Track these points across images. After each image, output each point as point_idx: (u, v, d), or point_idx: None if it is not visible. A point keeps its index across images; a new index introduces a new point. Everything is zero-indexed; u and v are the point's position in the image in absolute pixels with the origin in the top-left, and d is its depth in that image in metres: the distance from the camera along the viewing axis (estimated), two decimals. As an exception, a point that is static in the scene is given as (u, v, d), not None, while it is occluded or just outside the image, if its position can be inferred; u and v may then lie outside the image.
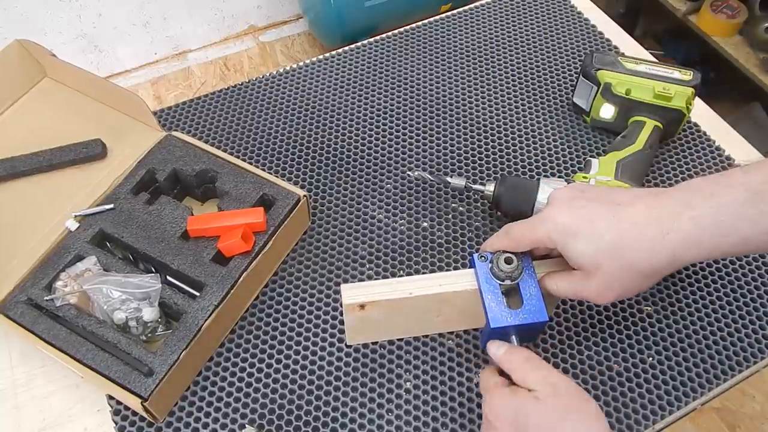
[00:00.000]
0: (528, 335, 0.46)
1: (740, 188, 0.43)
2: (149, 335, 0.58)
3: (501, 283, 0.50)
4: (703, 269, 0.66)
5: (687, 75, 0.72)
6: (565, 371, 0.59)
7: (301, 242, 0.68)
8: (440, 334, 0.61)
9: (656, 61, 0.75)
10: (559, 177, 0.74)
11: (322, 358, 0.60)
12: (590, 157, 0.74)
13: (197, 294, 0.59)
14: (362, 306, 0.52)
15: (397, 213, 0.70)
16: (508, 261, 0.50)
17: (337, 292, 0.64)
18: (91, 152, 0.67)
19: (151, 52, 2.02)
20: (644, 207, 0.46)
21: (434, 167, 0.75)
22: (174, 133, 0.70)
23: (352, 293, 0.52)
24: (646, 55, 0.87)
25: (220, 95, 0.82)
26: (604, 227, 0.46)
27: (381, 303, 0.52)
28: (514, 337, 0.50)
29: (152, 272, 0.61)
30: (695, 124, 0.79)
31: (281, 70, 0.85)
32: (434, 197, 0.72)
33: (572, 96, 0.79)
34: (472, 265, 0.52)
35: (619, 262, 0.46)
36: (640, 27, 2.09)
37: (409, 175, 0.73)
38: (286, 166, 0.75)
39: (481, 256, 0.52)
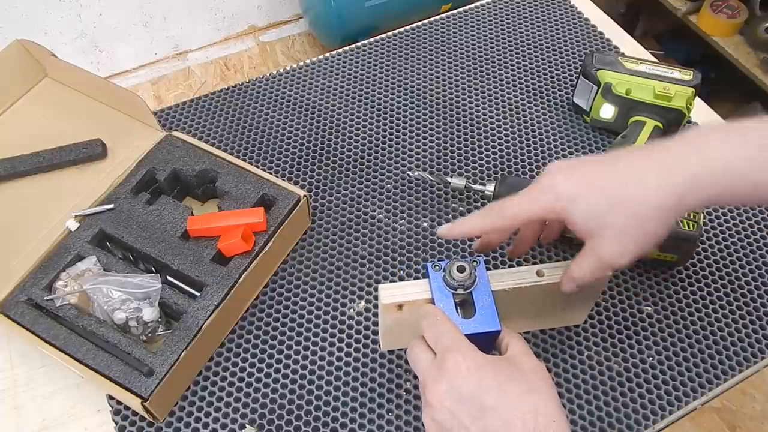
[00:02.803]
0: (482, 345, 0.45)
1: (754, 136, 0.42)
2: (149, 335, 0.58)
3: (454, 292, 0.49)
4: (704, 269, 0.66)
5: (687, 75, 0.72)
6: (565, 371, 0.59)
7: (301, 242, 0.68)
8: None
9: (656, 61, 0.75)
10: (559, 177, 0.74)
11: (322, 358, 0.60)
12: (590, 157, 0.74)
13: (197, 294, 0.59)
14: (400, 306, 0.51)
15: (397, 213, 0.70)
16: (460, 269, 0.49)
17: (338, 292, 0.64)
18: (91, 152, 0.67)
19: (151, 52, 2.02)
20: (645, 154, 0.44)
21: (434, 167, 0.75)
22: (174, 133, 0.70)
23: (389, 293, 0.50)
24: (646, 55, 0.87)
25: (220, 95, 0.82)
26: (604, 182, 0.44)
27: (419, 303, 0.51)
28: None
29: (152, 272, 0.61)
30: (695, 124, 0.79)
31: (281, 70, 0.85)
32: (434, 197, 0.72)
33: (572, 96, 0.79)
34: (426, 275, 0.51)
35: (625, 213, 0.44)
36: (640, 27, 2.09)
37: (409, 175, 0.73)
38: (286, 166, 0.75)
39: (435, 266, 0.50)
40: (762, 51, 1.69)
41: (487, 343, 0.48)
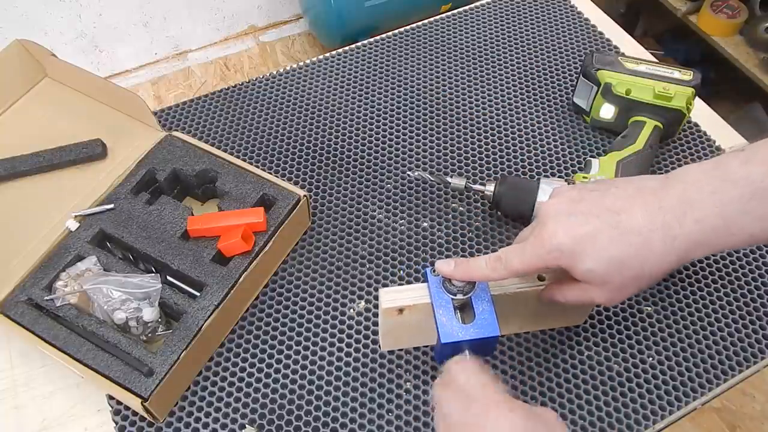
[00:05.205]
0: (481, 350, 0.45)
1: (743, 184, 0.42)
2: (149, 335, 0.58)
3: (453, 297, 0.49)
4: (704, 269, 0.66)
5: (687, 75, 0.72)
6: (565, 371, 0.59)
7: (301, 242, 0.68)
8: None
9: (656, 61, 0.75)
10: (559, 177, 0.74)
11: (322, 358, 0.60)
12: (590, 157, 0.74)
13: (197, 294, 0.59)
14: (401, 310, 0.51)
15: (397, 213, 0.70)
16: None
17: (338, 292, 0.64)
18: (91, 152, 0.67)
19: (151, 52, 2.02)
20: (644, 212, 0.44)
21: (434, 167, 0.75)
22: (174, 133, 0.70)
23: (390, 297, 0.50)
24: (646, 55, 0.87)
25: (220, 95, 0.82)
26: (607, 243, 0.45)
27: (419, 307, 0.51)
28: (467, 351, 0.49)
29: (152, 272, 0.61)
30: (695, 124, 0.79)
31: (281, 70, 0.85)
32: (434, 197, 0.72)
33: (572, 96, 0.79)
34: (425, 279, 0.51)
35: (629, 273, 0.45)
36: (640, 27, 2.09)
37: (409, 175, 0.73)
38: (286, 166, 0.75)
39: (434, 271, 0.50)
40: (762, 51, 1.69)
41: (486, 348, 0.48)
